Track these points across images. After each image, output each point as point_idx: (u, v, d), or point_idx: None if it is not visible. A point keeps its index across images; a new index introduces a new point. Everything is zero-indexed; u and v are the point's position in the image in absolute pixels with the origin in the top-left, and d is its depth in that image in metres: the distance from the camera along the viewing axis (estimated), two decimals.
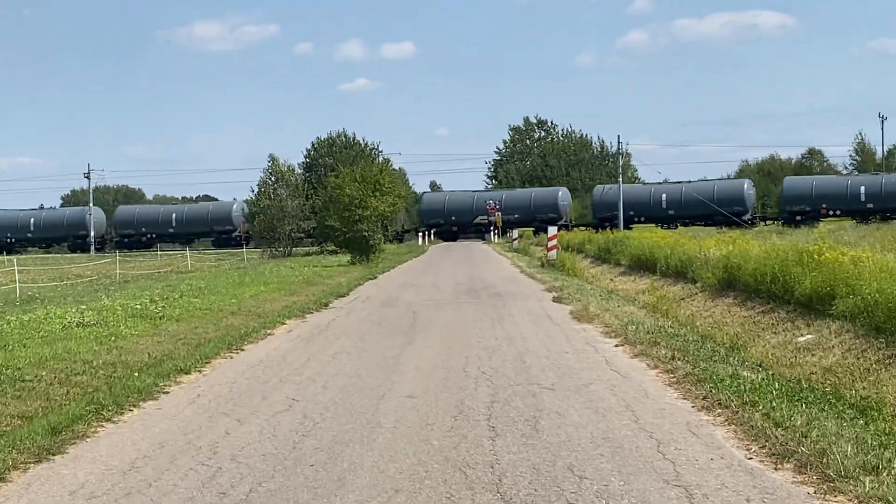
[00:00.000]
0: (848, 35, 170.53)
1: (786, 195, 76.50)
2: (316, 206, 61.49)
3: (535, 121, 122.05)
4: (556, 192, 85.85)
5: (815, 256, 15.78)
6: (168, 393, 10.74)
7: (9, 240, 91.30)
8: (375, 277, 33.18)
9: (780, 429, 7.70)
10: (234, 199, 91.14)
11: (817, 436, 7.43)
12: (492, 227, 79.40)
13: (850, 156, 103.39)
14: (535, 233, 69.48)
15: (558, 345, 13.77)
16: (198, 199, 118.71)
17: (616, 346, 13.39)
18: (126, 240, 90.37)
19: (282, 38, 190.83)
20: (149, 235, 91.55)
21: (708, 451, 7.35)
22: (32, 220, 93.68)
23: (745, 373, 10.56)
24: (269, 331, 16.75)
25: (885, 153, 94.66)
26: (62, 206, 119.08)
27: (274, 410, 9.60)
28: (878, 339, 12.23)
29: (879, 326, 12.48)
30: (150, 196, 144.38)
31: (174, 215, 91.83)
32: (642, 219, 77.87)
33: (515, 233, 64.93)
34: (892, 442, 7.39)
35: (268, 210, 66.51)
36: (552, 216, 77.10)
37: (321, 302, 22.47)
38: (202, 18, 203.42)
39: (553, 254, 36.40)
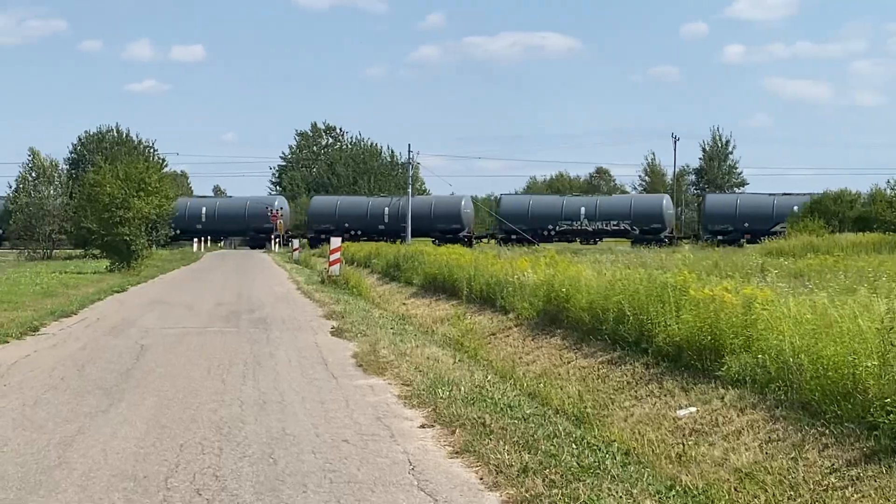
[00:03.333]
0: (631, 61, 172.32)
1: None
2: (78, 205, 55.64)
3: (323, 126, 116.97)
4: (660, 200, 74.34)
5: (690, 292, 11.57)
6: None
7: None
8: (124, 290, 27.89)
9: None
10: None
11: None
12: (273, 236, 73.80)
13: (640, 176, 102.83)
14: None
15: (335, 421, 9.00)
16: None
17: (423, 426, 8.71)
18: None
19: (68, 35, 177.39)
20: None
21: None
22: None
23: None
24: None
25: (676, 174, 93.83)
26: None
27: None
28: (813, 425, 8.09)
29: (808, 405, 8.41)
30: None
31: None
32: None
33: (296, 243, 59.83)
34: None
35: (26, 208, 60.30)
36: (655, 226, 69.86)
37: (30, 325, 17.12)
38: None
39: (335, 269, 31.67)
